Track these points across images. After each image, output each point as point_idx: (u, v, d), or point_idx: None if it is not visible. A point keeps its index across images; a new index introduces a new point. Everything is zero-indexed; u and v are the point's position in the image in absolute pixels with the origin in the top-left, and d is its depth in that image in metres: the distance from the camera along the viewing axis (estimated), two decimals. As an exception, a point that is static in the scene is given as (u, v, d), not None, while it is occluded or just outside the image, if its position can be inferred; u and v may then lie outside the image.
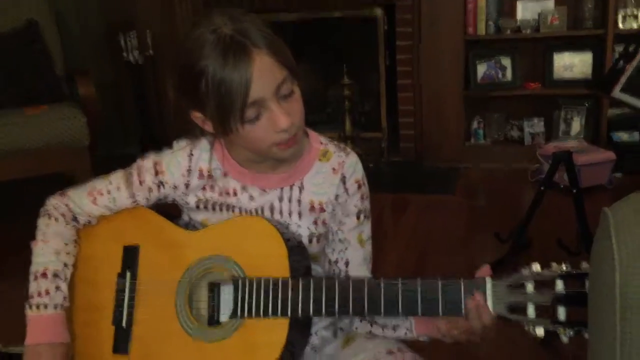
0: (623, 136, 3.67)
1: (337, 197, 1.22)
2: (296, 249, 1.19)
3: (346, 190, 1.22)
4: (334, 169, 1.22)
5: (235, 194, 1.23)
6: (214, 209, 1.24)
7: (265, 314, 1.12)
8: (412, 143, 4.10)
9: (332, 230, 1.25)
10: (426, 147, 4.07)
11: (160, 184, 1.24)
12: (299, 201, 1.22)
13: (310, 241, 1.24)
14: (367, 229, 1.27)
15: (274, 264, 1.14)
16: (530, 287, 1.00)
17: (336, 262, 1.26)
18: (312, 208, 1.22)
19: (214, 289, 1.17)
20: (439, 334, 1.09)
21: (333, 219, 1.24)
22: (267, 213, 1.23)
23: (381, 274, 1.16)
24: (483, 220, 3.26)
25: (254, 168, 1.21)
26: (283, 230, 1.18)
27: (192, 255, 1.21)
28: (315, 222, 1.23)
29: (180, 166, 1.23)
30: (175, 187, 1.24)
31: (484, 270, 1.05)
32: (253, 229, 1.18)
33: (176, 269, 1.21)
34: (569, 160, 2.50)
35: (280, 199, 1.22)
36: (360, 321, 1.23)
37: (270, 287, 1.12)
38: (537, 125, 3.92)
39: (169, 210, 1.30)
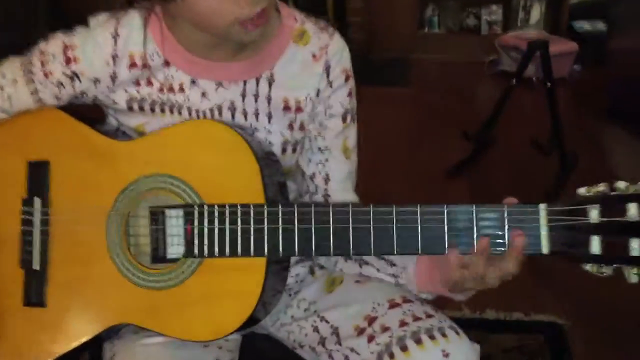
0: (585, 25, 3.46)
1: (318, 92, 0.94)
2: (267, 163, 0.89)
3: (330, 83, 0.94)
4: (314, 55, 0.93)
5: (182, 89, 0.91)
6: (152, 110, 0.93)
7: (233, 253, 0.84)
8: (361, 30, 3.77)
9: (310, 137, 0.98)
10: (376, 35, 3.75)
11: (75, 76, 0.92)
12: (269, 98, 0.93)
13: (283, 151, 0.96)
14: (353, 135, 1.00)
15: (241, 185, 0.86)
16: (594, 213, 0.75)
17: (313, 176, 0.99)
18: (286, 107, 0.94)
19: (158, 217, 0.87)
20: (448, 284, 0.84)
21: (312, 121, 0.96)
22: (226, 115, 0.93)
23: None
24: (440, 116, 3.06)
25: (207, 54, 0.90)
26: (248, 138, 0.87)
27: (126, 173, 0.91)
28: (290, 126, 0.95)
29: (102, 51, 0.90)
30: (96, 81, 0.91)
31: (509, 201, 0.79)
32: (209, 137, 0.88)
33: (105, 193, 0.91)
34: (546, 51, 2.26)
35: (244, 96, 0.93)
36: (346, 260, 0.97)
37: (239, 217, 0.84)
38: (495, 13, 3.65)
39: (88, 112, 0.97)
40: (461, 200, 0.79)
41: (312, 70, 0.93)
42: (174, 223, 0.89)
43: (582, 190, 0.77)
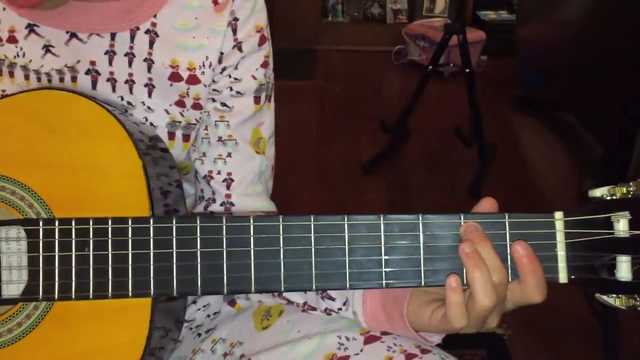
0: (490, 15, 3.40)
1: (221, 56, 0.68)
2: (153, 155, 0.61)
3: (238, 45, 0.68)
4: (215, 3, 0.67)
5: (13, 39, 0.60)
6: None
7: (99, 294, 0.55)
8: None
9: (208, 122, 0.71)
10: (277, 25, 3.48)
11: None
12: (149, 61, 0.66)
13: (170, 136, 0.69)
14: (269, 121, 0.74)
15: (114, 189, 0.57)
16: (622, 224, 0.53)
17: (209, 177, 0.73)
18: (174, 76, 0.66)
19: None
20: (419, 322, 0.60)
21: (212, 99, 0.70)
22: (83, 83, 0.65)
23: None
24: (350, 109, 2.86)
25: None
26: (121, 119, 0.59)
27: None
28: (180, 103, 0.68)
29: None
30: None
31: (486, 203, 0.55)
32: (62, 117, 0.59)
33: None
34: (464, 34, 2.11)
35: (111, 56, 0.65)
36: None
37: (110, 237, 0.55)
38: (400, 2, 3.52)
39: None
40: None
41: (213, 23, 0.65)
42: (11, 248, 0.58)
43: (600, 192, 0.54)
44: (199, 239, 0.53)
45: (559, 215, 0.54)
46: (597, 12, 2.07)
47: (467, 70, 2.14)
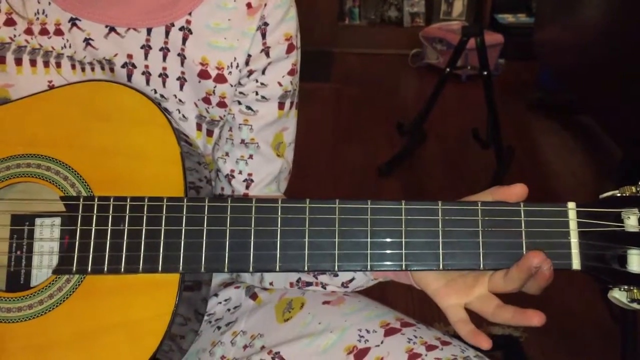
0: (508, 18, 3.40)
1: (248, 59, 0.69)
2: (187, 147, 0.63)
3: (266, 49, 0.70)
4: (249, 6, 0.68)
5: (59, 32, 0.62)
6: (18, 62, 0.64)
7: (130, 265, 0.57)
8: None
9: (233, 124, 0.72)
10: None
11: None
12: (182, 56, 0.67)
13: (198, 128, 0.71)
14: (292, 127, 0.76)
15: (151, 172, 0.60)
16: (633, 220, 0.54)
17: (230, 177, 0.74)
18: (203, 73, 0.68)
19: (22, 226, 0.61)
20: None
21: (237, 102, 0.72)
22: (120, 74, 0.67)
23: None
24: (366, 111, 2.87)
25: None
26: (161, 108, 0.62)
27: None
28: (206, 100, 0.69)
29: None
30: None
31: (518, 189, 0.56)
32: (107, 105, 0.63)
33: None
34: (481, 37, 2.11)
35: (147, 48, 0.67)
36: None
37: (145, 214, 0.57)
38: (417, 5, 3.52)
39: None
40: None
41: (244, 25, 0.67)
42: (46, 235, 0.61)
43: (611, 191, 0.56)
44: (229, 217, 0.55)
45: (571, 205, 0.55)
46: (618, 15, 2.06)
47: (485, 73, 2.14)
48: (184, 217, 0.57)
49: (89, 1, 0.63)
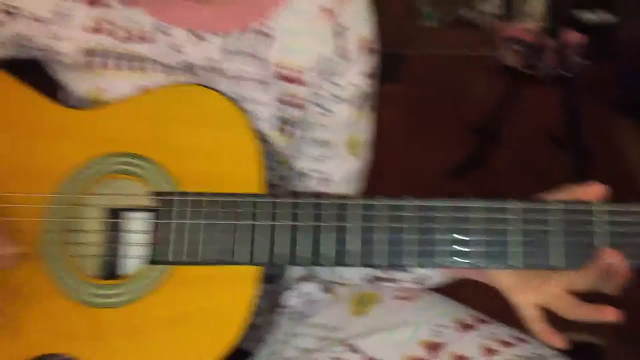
0: (590, 16, 3.27)
1: (326, 61, 0.71)
2: (264, 146, 0.66)
3: (342, 52, 0.71)
4: (327, 10, 0.70)
5: (144, 38, 0.67)
6: (105, 65, 0.68)
7: (215, 257, 0.61)
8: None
9: (309, 123, 0.75)
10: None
11: (11, 12, 0.69)
12: (261, 59, 0.71)
13: (275, 129, 0.74)
14: (367, 128, 0.79)
15: (232, 169, 0.63)
16: None
17: (305, 175, 0.77)
18: (280, 75, 0.71)
19: (115, 219, 0.67)
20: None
21: (314, 103, 0.74)
22: (202, 76, 0.69)
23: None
24: (437, 113, 2.84)
25: None
26: (241, 110, 0.65)
27: (78, 152, 0.68)
28: (285, 101, 0.72)
29: None
30: (37, 20, 0.69)
31: (595, 188, 0.55)
32: (192, 107, 0.66)
33: (43, 177, 0.68)
34: (561, 37, 2.05)
35: (228, 53, 0.70)
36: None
37: (230, 209, 0.61)
38: (493, 5, 3.46)
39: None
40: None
41: (320, 29, 0.69)
42: (136, 228, 0.66)
43: None
44: (313, 214, 0.58)
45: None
46: None
47: (564, 73, 2.08)
48: (263, 212, 0.60)
49: (175, 8, 0.67)
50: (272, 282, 0.67)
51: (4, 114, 0.70)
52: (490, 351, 0.61)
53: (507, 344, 0.62)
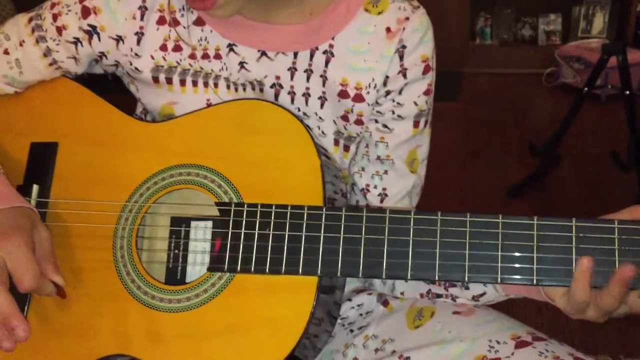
0: (656, 35, 3.17)
1: (386, 80, 0.73)
2: (325, 161, 0.69)
3: (404, 71, 0.73)
4: (388, 30, 0.72)
5: (218, 56, 0.71)
6: (182, 83, 0.73)
7: (274, 267, 0.63)
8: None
9: (369, 140, 0.77)
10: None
11: (93, 32, 0.74)
12: (324, 77, 0.73)
13: (335, 143, 0.77)
14: (425, 144, 0.79)
15: (295, 182, 0.66)
16: None
17: (365, 190, 0.78)
18: (342, 92, 0.73)
19: (180, 227, 0.70)
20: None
21: (374, 120, 0.76)
22: (268, 93, 0.73)
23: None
24: (496, 131, 2.81)
25: (248, 12, 0.71)
26: (305, 126, 0.68)
27: (149, 162, 0.72)
28: (345, 117, 0.75)
29: (128, 0, 0.73)
30: (119, 40, 0.73)
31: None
32: (259, 121, 0.70)
33: (120, 184, 0.73)
34: (624, 55, 2.01)
35: (293, 70, 0.73)
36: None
37: (288, 220, 0.63)
38: (553, 23, 3.40)
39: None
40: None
41: (383, 49, 0.71)
42: (200, 236, 0.70)
43: None
44: (364, 226, 0.60)
45: None
46: None
47: (627, 92, 2.03)
48: (323, 224, 0.62)
49: (245, 29, 0.72)
50: (330, 293, 0.70)
51: (86, 126, 0.75)
52: None
53: None
